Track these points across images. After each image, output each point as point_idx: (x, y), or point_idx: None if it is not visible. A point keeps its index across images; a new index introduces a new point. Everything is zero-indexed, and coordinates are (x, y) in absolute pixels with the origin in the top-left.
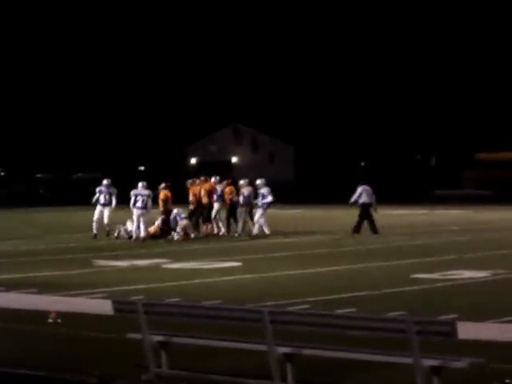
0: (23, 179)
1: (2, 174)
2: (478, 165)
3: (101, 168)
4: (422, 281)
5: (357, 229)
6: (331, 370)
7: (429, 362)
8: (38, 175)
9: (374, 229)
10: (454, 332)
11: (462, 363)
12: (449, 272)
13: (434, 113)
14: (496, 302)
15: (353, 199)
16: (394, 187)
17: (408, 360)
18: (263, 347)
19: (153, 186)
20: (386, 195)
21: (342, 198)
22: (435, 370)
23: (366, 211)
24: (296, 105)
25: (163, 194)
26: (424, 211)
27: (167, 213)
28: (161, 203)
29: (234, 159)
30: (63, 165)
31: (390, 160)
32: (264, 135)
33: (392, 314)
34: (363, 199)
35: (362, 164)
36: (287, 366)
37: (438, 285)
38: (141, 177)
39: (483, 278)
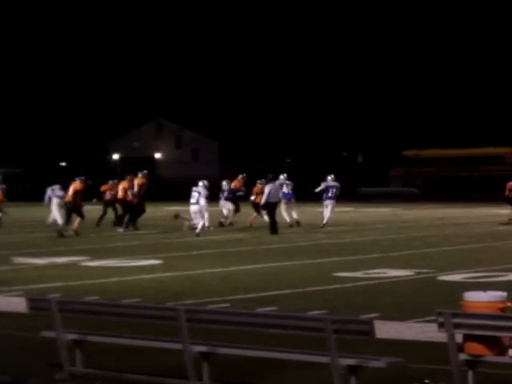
0: None
1: None
2: (405, 162)
3: (21, 163)
4: (345, 279)
5: (273, 229)
6: (248, 369)
7: (346, 361)
8: None
9: (274, 229)
10: (371, 331)
11: (380, 362)
12: (372, 271)
13: (361, 110)
14: (419, 302)
15: (263, 201)
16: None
17: (326, 359)
18: (179, 346)
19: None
20: (312, 192)
21: None
22: (352, 370)
23: (274, 210)
24: (221, 100)
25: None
26: (350, 209)
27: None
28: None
29: (158, 155)
30: None
31: (316, 157)
32: (188, 131)
33: (313, 313)
34: (271, 198)
35: (288, 161)
36: (203, 364)
37: (361, 283)
38: (61, 172)
39: (407, 276)
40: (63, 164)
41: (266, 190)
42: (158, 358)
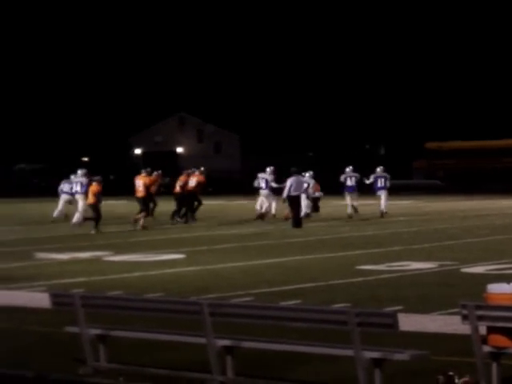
0: None
1: None
2: (428, 154)
3: (43, 159)
4: (368, 272)
5: (297, 223)
6: (272, 362)
7: (370, 354)
8: None
9: (297, 222)
10: (395, 324)
11: (404, 355)
12: (395, 263)
13: (382, 102)
14: (442, 294)
15: (285, 194)
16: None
17: (350, 352)
18: (203, 340)
19: (98, 175)
20: (335, 185)
21: None
22: (377, 362)
23: (296, 203)
24: (242, 94)
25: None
26: (372, 201)
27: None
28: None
29: (179, 149)
30: (5, 155)
31: (338, 150)
32: (210, 124)
33: (336, 306)
34: (293, 192)
35: (310, 154)
36: (227, 358)
37: (384, 276)
38: (84, 167)
39: (430, 269)
40: (85, 159)
41: (288, 183)
42: (182, 353)
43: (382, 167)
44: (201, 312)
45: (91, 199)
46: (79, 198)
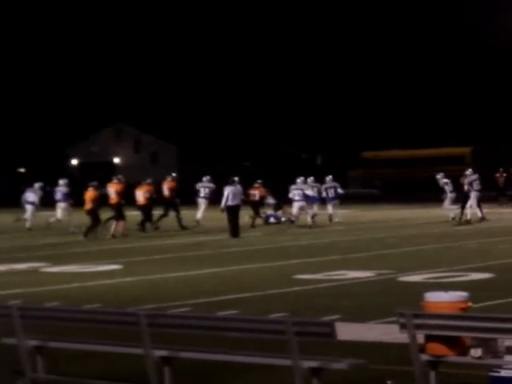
0: None
1: None
2: (364, 163)
3: None
4: (306, 281)
5: (234, 233)
6: (210, 373)
7: (308, 364)
8: None
9: (235, 232)
10: (333, 333)
11: (341, 364)
12: (333, 272)
13: (319, 112)
14: (380, 303)
15: (223, 204)
16: (279, 187)
17: (287, 362)
18: (140, 350)
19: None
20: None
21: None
22: (314, 372)
23: (232, 213)
24: (179, 104)
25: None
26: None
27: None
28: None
29: (116, 160)
30: None
31: (275, 159)
32: (147, 135)
33: (274, 316)
34: (230, 202)
35: (247, 164)
36: (164, 369)
37: (322, 285)
38: (20, 179)
39: (367, 278)
40: (22, 170)
41: (225, 193)
42: (120, 363)
43: (331, 177)
44: (138, 323)
45: (88, 205)
46: (61, 206)
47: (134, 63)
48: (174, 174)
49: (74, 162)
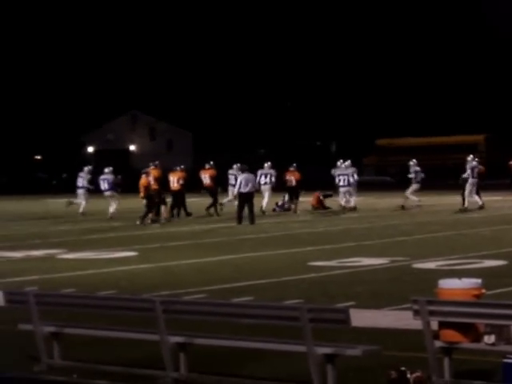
0: None
1: None
2: (378, 151)
3: None
4: (320, 268)
5: (251, 219)
6: (225, 359)
7: (322, 350)
8: None
9: (251, 219)
10: (347, 319)
11: (356, 351)
12: (347, 259)
13: (334, 99)
14: (394, 290)
15: (235, 191)
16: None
17: (302, 348)
18: (156, 337)
19: (51, 174)
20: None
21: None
22: (329, 358)
23: (244, 200)
24: (194, 91)
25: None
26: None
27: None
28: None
29: (132, 147)
30: None
31: (289, 147)
32: (162, 122)
33: (289, 302)
34: (243, 189)
35: (262, 151)
36: (180, 355)
37: (336, 272)
38: (38, 166)
39: (381, 265)
40: (38, 157)
41: (238, 180)
42: (136, 349)
43: (349, 162)
44: (154, 309)
45: (142, 192)
46: (108, 195)
47: (149, 51)
48: (211, 163)
49: (90, 149)
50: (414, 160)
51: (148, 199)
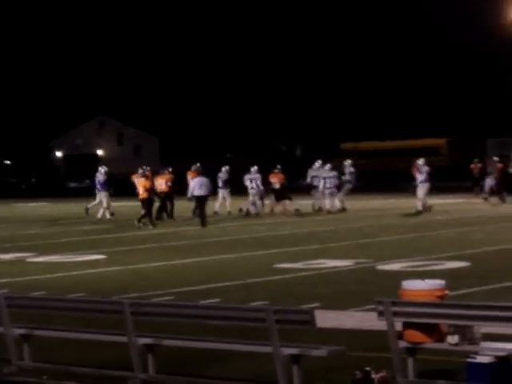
0: None
1: None
2: (343, 154)
3: None
4: (285, 270)
5: (202, 222)
6: (193, 360)
7: (288, 351)
8: None
9: (203, 222)
10: (312, 320)
11: (321, 351)
12: (312, 261)
13: (297, 104)
14: (358, 291)
15: (189, 194)
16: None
17: (268, 349)
18: (124, 338)
19: (21, 178)
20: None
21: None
22: (295, 359)
23: (200, 203)
24: (160, 98)
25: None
26: (289, 201)
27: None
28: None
29: (100, 152)
30: None
31: (255, 151)
32: (130, 127)
33: (255, 304)
34: (197, 192)
35: (228, 155)
36: (148, 356)
37: (302, 274)
38: (7, 170)
39: (346, 266)
40: (8, 162)
41: (192, 183)
42: (104, 351)
43: (329, 165)
44: (122, 311)
45: (143, 194)
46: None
47: (116, 57)
48: (170, 169)
49: (59, 154)
50: (349, 161)
51: (148, 202)
